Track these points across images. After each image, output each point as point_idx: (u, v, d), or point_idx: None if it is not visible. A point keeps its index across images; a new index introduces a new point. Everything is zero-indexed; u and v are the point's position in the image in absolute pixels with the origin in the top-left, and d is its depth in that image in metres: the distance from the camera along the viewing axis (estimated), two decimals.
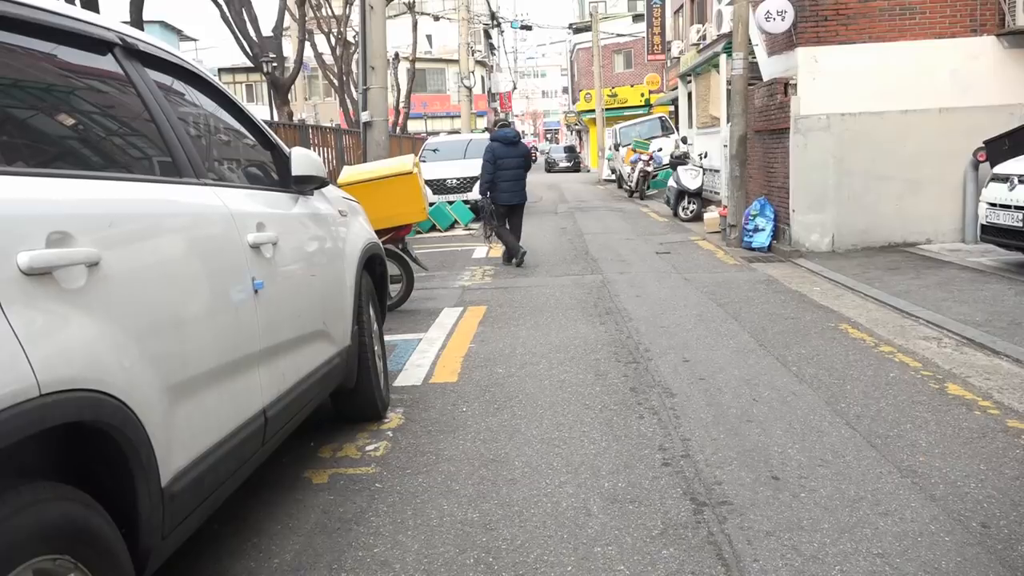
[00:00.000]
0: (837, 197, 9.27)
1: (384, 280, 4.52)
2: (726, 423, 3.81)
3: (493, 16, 33.39)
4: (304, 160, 3.22)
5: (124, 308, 1.84)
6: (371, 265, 4.26)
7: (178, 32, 45.06)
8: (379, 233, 6.70)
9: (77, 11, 2.23)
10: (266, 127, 3.26)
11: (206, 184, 2.47)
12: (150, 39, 2.54)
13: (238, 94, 40.53)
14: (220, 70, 41.92)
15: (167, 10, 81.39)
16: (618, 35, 38.08)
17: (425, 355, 5.43)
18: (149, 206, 2.07)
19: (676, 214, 14.07)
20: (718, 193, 13.71)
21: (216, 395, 2.27)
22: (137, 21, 8.62)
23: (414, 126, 36.60)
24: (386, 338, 5.87)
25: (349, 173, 6.90)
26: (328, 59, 23.22)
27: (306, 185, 3.31)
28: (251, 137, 3.20)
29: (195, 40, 48.41)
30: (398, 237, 6.97)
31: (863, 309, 6.21)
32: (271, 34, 17.58)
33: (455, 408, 4.27)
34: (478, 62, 44.61)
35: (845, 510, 2.86)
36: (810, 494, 3.00)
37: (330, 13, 22.37)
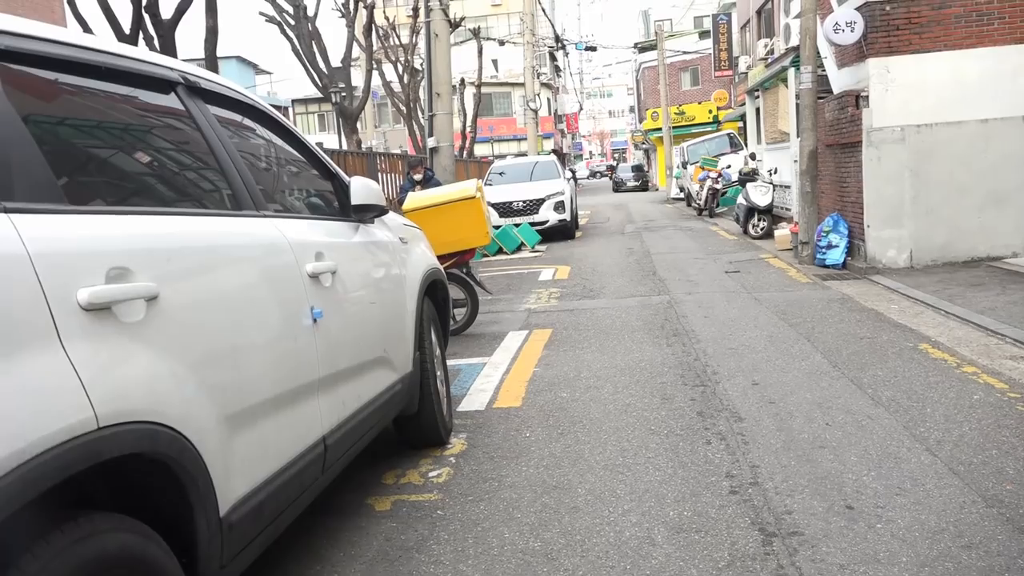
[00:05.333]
0: (914, 211, 8.94)
1: (446, 305, 4.53)
2: (797, 449, 3.68)
3: (558, 39, 33.58)
4: (363, 189, 3.26)
5: (182, 340, 1.87)
6: (433, 291, 4.28)
7: (253, 66, 46.72)
8: (444, 258, 6.80)
9: (143, 53, 2.32)
10: (326, 157, 3.32)
11: (265, 216, 2.52)
12: (212, 76, 2.61)
13: (310, 124, 41.71)
14: (293, 101, 43.26)
15: (243, 45, 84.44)
16: (684, 52, 37.79)
17: (489, 379, 5.42)
18: (207, 239, 2.12)
19: (746, 232, 13.80)
20: (789, 209, 13.40)
21: (275, 424, 2.29)
22: (211, 57, 8.94)
23: (481, 150, 36.96)
24: (450, 362, 5.91)
25: (413, 199, 6.98)
26: (396, 87, 23.70)
27: (366, 214, 3.35)
28: (311, 167, 3.26)
29: (270, 73, 50.11)
30: (463, 261, 7.01)
31: (944, 327, 5.94)
32: (340, 65, 18.05)
33: (518, 433, 4.24)
34: (544, 84, 44.86)
35: (925, 542, 2.71)
36: (887, 525, 2.85)
37: (398, 42, 22.83)
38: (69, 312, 1.55)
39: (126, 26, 8.58)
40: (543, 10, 32.81)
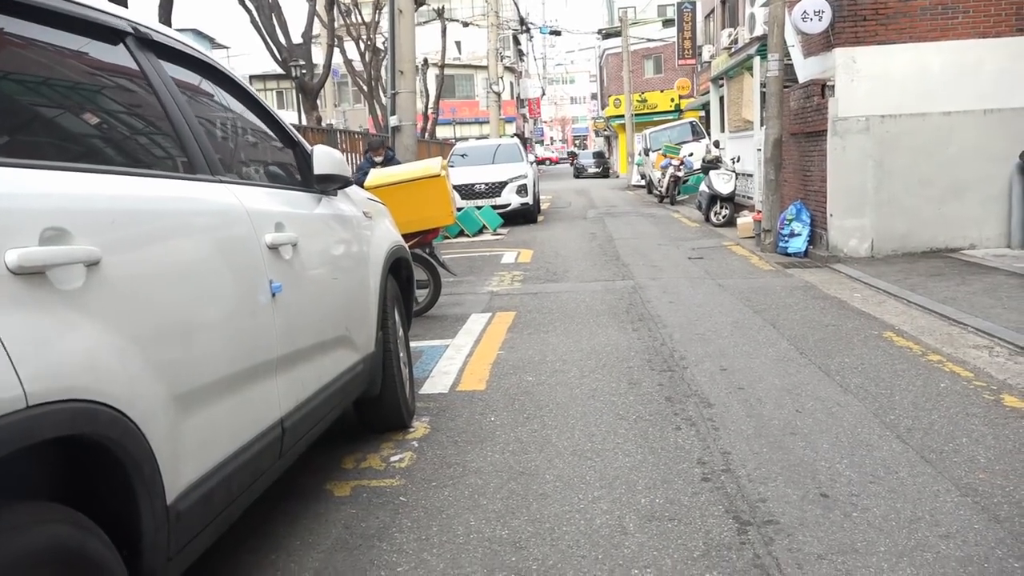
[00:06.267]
0: (876, 201, 8.99)
1: (410, 284, 4.38)
2: (768, 436, 3.61)
3: (522, 22, 33.32)
4: (327, 158, 3.08)
5: (127, 311, 1.70)
6: (397, 269, 4.12)
7: (210, 40, 45.53)
8: (406, 237, 6.60)
9: None
10: (288, 124, 3.14)
11: (222, 181, 2.34)
12: (166, 30, 2.42)
13: (269, 100, 40.97)
14: (251, 77, 42.29)
15: (200, 18, 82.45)
16: (648, 40, 37.81)
17: (452, 362, 5.28)
18: (156, 203, 1.94)
19: (708, 219, 13.82)
20: (751, 198, 13.45)
21: (229, 405, 2.13)
22: (166, 23, 8.59)
23: (443, 132, 36.60)
24: (413, 344, 5.75)
25: (377, 175, 6.79)
26: (358, 66, 23.27)
27: (329, 184, 3.18)
28: (273, 135, 3.08)
29: (227, 48, 48.91)
30: (426, 241, 6.84)
31: (907, 316, 5.95)
32: (301, 40, 17.60)
33: (483, 417, 4.11)
34: (507, 68, 44.57)
35: (902, 532, 2.66)
36: (863, 513, 2.79)
37: (359, 19, 22.38)
38: None
39: None
40: None
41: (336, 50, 19.42)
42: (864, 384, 4.33)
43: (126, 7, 2.32)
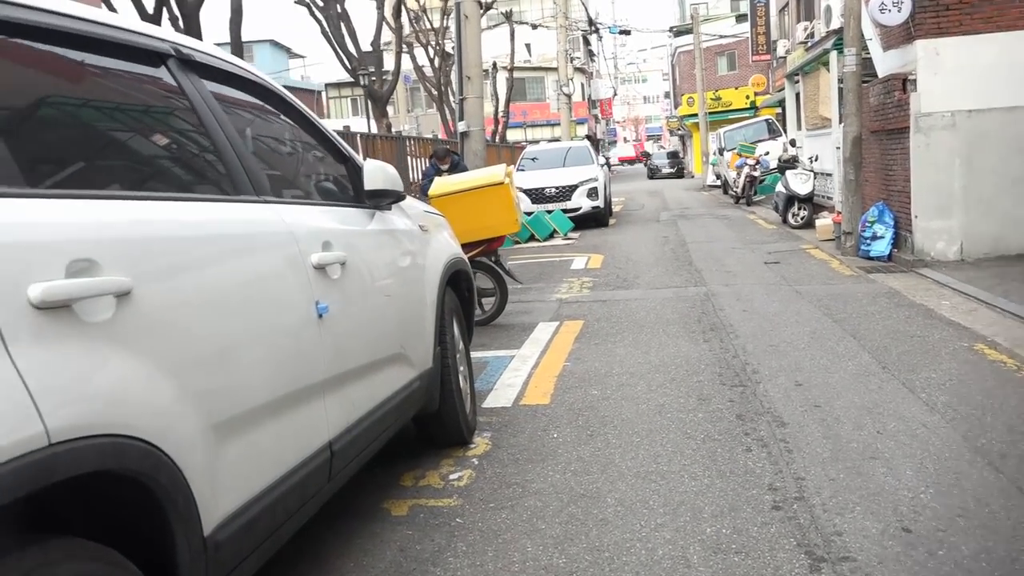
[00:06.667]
0: (965, 201, 8.51)
1: (471, 296, 4.30)
2: (846, 460, 3.39)
3: (591, 22, 33.08)
4: (378, 173, 3.02)
5: (160, 341, 1.66)
6: (456, 281, 4.05)
7: (287, 50, 46.78)
8: (471, 245, 6.56)
9: (130, 22, 2.09)
10: (339, 139, 3.09)
11: (266, 202, 2.29)
12: (209, 49, 2.39)
13: (343, 108, 41.61)
14: (327, 85, 43.23)
15: (278, 30, 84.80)
16: (720, 36, 37.06)
17: (517, 374, 5.18)
18: (194, 228, 1.89)
19: (785, 221, 13.39)
20: (831, 198, 12.96)
21: (272, 430, 2.07)
22: (236, 39, 8.77)
23: (514, 135, 36.64)
24: (477, 355, 5.69)
25: (440, 184, 6.75)
26: (429, 71, 23.45)
27: (381, 200, 3.12)
28: (323, 150, 3.03)
29: (303, 57, 50.16)
30: (491, 249, 6.77)
31: (1001, 327, 5.58)
32: (371, 48, 17.81)
33: (545, 434, 4.00)
34: (577, 69, 44.33)
35: None
36: (949, 552, 2.57)
37: (429, 26, 22.56)
38: (16, 312, 1.33)
39: (149, 7, 8.43)
40: None
41: (407, 56, 19.63)
42: (952, 403, 4.05)
43: (200, 35, 2.30)
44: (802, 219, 12.95)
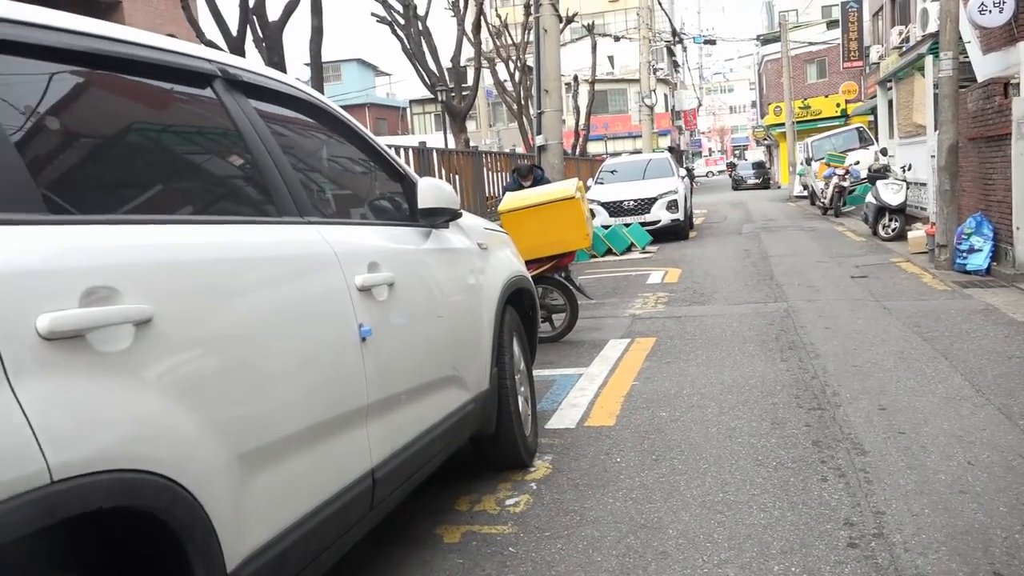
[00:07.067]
0: None
1: (534, 315, 4.20)
2: (932, 493, 3.14)
3: (675, 32, 32.67)
4: (431, 191, 2.96)
5: (181, 371, 1.62)
6: (519, 299, 3.97)
7: (373, 68, 47.89)
8: (542, 261, 6.48)
9: (178, 44, 2.09)
10: (394, 156, 3.05)
11: (310, 223, 2.26)
12: (257, 68, 2.37)
13: (427, 124, 42.21)
14: (411, 102, 44.04)
15: (364, 48, 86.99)
16: (810, 44, 36.03)
17: (584, 393, 5.05)
18: (222, 250, 1.85)
19: (875, 233, 12.82)
20: (924, 209, 12.35)
21: (307, 459, 2.02)
22: (316, 57, 8.95)
23: (594, 148, 36.46)
24: (545, 372, 5.59)
25: (510, 199, 6.69)
26: (510, 86, 23.56)
27: (436, 218, 3.05)
28: (377, 169, 3.00)
29: (389, 75, 51.21)
30: (562, 265, 6.65)
31: None
32: (451, 64, 18.00)
33: (608, 458, 3.86)
34: (660, 80, 43.85)
35: None
36: None
37: (510, 41, 22.68)
38: (22, 344, 1.30)
39: (234, 29, 8.68)
40: (660, 4, 31.97)
41: (488, 72, 19.74)
42: None
43: (282, 55, 2.30)
44: (893, 231, 12.38)
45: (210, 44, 9.05)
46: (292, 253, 2.12)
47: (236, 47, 8.47)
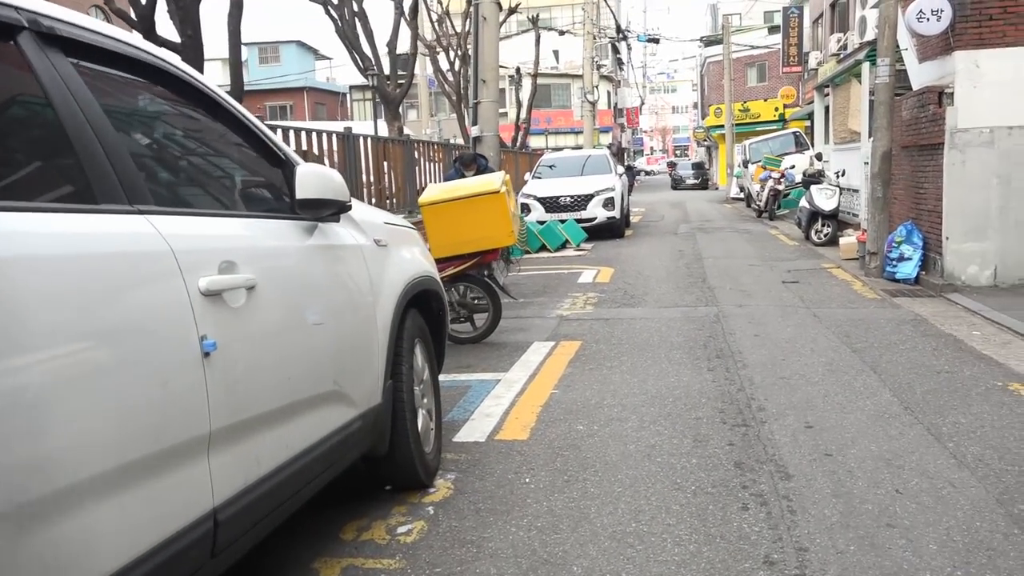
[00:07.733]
0: (1002, 223, 7.94)
1: (442, 319, 3.86)
2: (859, 527, 2.90)
3: (619, 29, 32.59)
4: (314, 179, 2.56)
5: None
6: (426, 302, 3.61)
7: (314, 51, 46.73)
8: (465, 258, 6.12)
9: None
10: (273, 137, 2.65)
11: (139, 212, 1.86)
12: (84, 22, 1.95)
13: (366, 111, 41.34)
14: (351, 87, 43.07)
15: (305, 31, 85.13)
16: (751, 47, 36.36)
17: (499, 401, 4.72)
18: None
19: (808, 237, 12.82)
20: (856, 215, 12.38)
21: (116, 505, 1.63)
22: (236, 33, 8.40)
23: (536, 142, 36.20)
24: (460, 378, 5.25)
25: (432, 191, 6.32)
26: (452, 76, 23.08)
27: (319, 210, 2.64)
28: (251, 151, 2.60)
29: (330, 59, 50.04)
30: (485, 262, 6.31)
31: None
32: (387, 49, 17.43)
33: (516, 478, 3.53)
34: (604, 77, 43.84)
35: None
36: None
37: (452, 30, 22.19)
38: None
39: None
40: (606, 1, 31.82)
41: (429, 60, 19.21)
42: (984, 455, 3.54)
43: (199, 29, 1.88)
44: (825, 236, 12.39)
45: (118, 12, 8.40)
46: (108, 250, 1.72)
47: (146, 16, 7.85)
